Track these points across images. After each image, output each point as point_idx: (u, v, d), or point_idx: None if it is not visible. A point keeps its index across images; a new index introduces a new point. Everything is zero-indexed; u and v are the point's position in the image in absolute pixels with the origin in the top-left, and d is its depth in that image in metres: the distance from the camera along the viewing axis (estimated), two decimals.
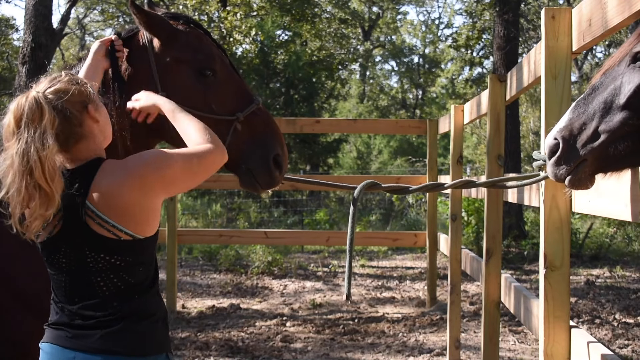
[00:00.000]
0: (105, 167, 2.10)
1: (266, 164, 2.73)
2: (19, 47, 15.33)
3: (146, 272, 2.15)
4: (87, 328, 2.08)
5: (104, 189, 2.05)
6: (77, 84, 2.13)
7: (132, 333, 2.08)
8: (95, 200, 2.04)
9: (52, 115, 2.03)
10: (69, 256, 2.09)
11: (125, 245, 2.07)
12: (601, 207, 2.23)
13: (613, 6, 2.14)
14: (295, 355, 6.01)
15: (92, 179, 2.07)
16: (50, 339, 2.13)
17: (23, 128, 2.03)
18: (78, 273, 2.09)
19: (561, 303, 2.50)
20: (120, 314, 2.08)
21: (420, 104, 37.23)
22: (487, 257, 4.32)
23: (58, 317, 2.13)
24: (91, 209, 2.04)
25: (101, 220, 2.04)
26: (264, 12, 21.21)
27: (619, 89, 1.92)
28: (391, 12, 37.90)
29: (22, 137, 2.02)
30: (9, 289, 2.51)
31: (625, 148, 1.90)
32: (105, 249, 2.06)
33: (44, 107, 2.03)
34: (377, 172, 26.25)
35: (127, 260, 2.09)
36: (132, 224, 2.07)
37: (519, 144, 13.29)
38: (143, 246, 2.12)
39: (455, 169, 6.14)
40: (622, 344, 6.30)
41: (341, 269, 10.52)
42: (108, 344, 2.05)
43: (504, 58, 12.84)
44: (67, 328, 2.10)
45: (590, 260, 11.03)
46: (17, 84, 11.91)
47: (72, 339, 2.08)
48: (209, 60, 2.75)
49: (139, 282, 2.12)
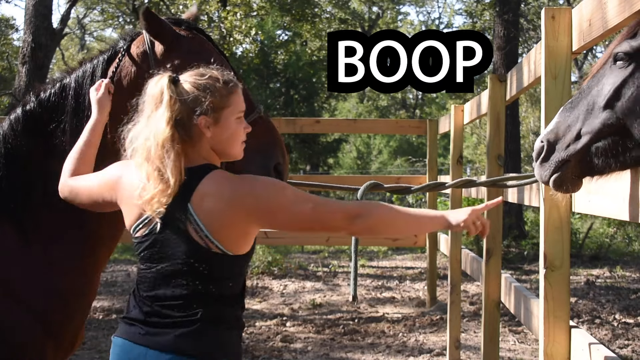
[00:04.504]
0: (214, 177, 2.09)
1: (267, 173, 2.71)
2: (19, 47, 15.33)
3: (233, 287, 2.14)
4: (162, 326, 2.07)
5: (208, 200, 2.05)
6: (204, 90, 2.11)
7: (206, 337, 2.07)
8: (196, 206, 2.05)
9: (172, 100, 2.07)
10: (162, 254, 2.09)
11: (215, 257, 2.07)
12: (601, 207, 2.23)
13: (613, 6, 2.14)
14: (295, 355, 6.01)
15: (198, 184, 2.07)
16: (123, 333, 2.13)
17: (148, 107, 2.10)
18: (166, 272, 2.09)
19: (561, 303, 2.50)
20: (197, 318, 2.07)
21: (420, 104, 37.22)
22: (487, 257, 4.32)
23: (134, 312, 2.13)
24: (191, 213, 2.05)
25: (197, 227, 2.04)
26: (264, 12, 21.20)
27: (601, 90, 1.95)
28: (391, 12, 37.92)
29: (145, 116, 2.10)
30: (7, 291, 2.51)
31: (606, 149, 1.93)
32: (196, 255, 2.06)
33: (165, 90, 2.08)
34: (377, 172, 26.27)
35: (215, 271, 2.08)
36: (225, 241, 2.06)
37: (519, 144, 13.30)
38: (233, 262, 2.11)
39: (455, 169, 6.14)
40: (622, 344, 6.30)
41: (341, 269, 10.52)
42: (180, 344, 2.05)
43: (504, 58, 12.84)
44: (141, 325, 2.10)
45: (590, 260, 11.03)
46: (17, 84, 11.91)
47: (145, 335, 2.08)
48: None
49: (223, 294, 2.11)
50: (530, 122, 21.22)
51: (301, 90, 20.71)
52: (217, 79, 2.15)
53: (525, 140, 19.91)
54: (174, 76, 2.12)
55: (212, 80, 2.13)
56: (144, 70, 2.69)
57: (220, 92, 2.13)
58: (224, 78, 2.17)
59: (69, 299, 2.60)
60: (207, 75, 2.14)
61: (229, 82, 2.17)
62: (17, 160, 2.66)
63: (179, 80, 2.12)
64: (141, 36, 2.77)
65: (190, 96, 2.09)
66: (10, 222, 2.58)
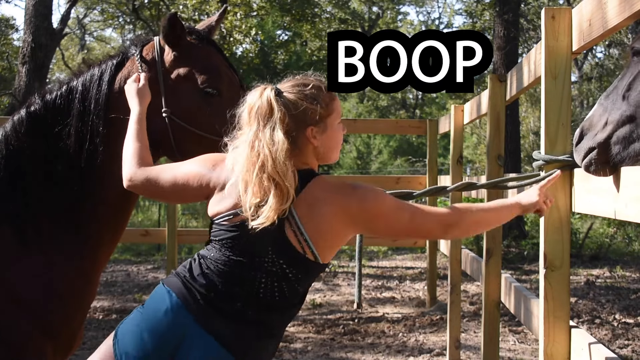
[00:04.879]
0: (319, 182, 2.11)
1: None
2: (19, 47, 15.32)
3: (301, 294, 2.16)
4: (216, 309, 2.06)
5: (314, 205, 2.06)
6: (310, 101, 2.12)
7: (248, 341, 2.08)
8: (300, 209, 2.06)
9: (282, 113, 2.07)
10: (252, 246, 2.08)
11: (305, 263, 2.08)
12: (601, 207, 2.23)
13: (613, 6, 2.14)
14: (295, 355, 6.00)
15: (303, 187, 2.08)
16: (175, 287, 2.10)
17: (254, 120, 2.09)
18: (249, 264, 2.08)
19: (561, 303, 2.50)
20: (253, 319, 2.08)
21: (420, 104, 37.23)
22: (487, 257, 4.32)
23: (199, 279, 2.09)
24: (293, 216, 2.05)
25: (298, 230, 2.05)
26: (264, 12, 21.20)
27: (622, 83, 2.07)
28: (391, 12, 37.92)
29: (252, 129, 2.09)
30: (6, 291, 2.51)
31: (622, 139, 2.03)
32: (287, 256, 2.07)
33: (274, 104, 2.07)
34: (377, 172, 26.27)
35: (299, 277, 2.09)
36: (322, 247, 2.08)
37: (519, 144, 13.29)
38: (317, 270, 2.13)
39: (455, 169, 6.13)
40: (622, 344, 6.30)
41: (341, 269, 10.52)
42: (225, 336, 2.05)
43: (504, 58, 12.84)
44: (199, 294, 2.07)
45: (590, 260, 11.02)
46: (17, 84, 11.91)
47: (195, 305, 2.06)
48: (215, 79, 2.71)
49: (290, 300, 2.12)
50: (530, 122, 21.19)
51: None
52: (320, 88, 2.17)
53: (525, 140, 19.89)
54: (277, 88, 2.13)
55: (316, 90, 2.15)
56: (152, 78, 2.69)
57: (325, 100, 2.15)
58: (324, 85, 2.19)
59: (68, 300, 2.59)
60: (310, 85, 2.15)
61: (326, 87, 2.20)
62: (18, 162, 2.64)
63: (282, 91, 2.12)
64: (151, 43, 2.76)
65: (300, 109, 2.10)
66: (10, 223, 2.57)
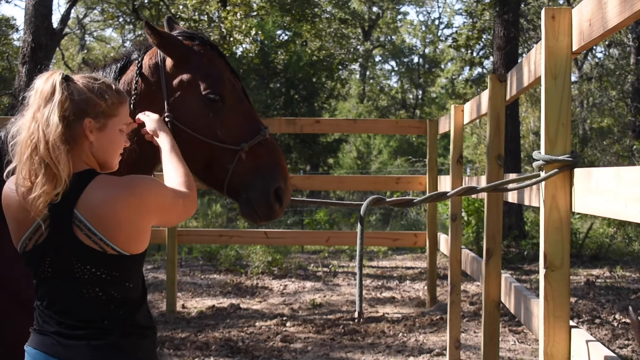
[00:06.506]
0: (99, 180, 2.07)
1: (266, 196, 2.69)
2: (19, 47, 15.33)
3: (133, 289, 2.13)
4: (73, 338, 2.05)
5: (97, 202, 2.02)
6: (96, 94, 2.10)
7: (117, 348, 2.06)
8: (84, 210, 2.02)
9: (63, 96, 2.04)
10: (55, 265, 2.06)
11: (111, 260, 2.04)
12: (601, 207, 2.23)
13: (613, 6, 2.14)
14: (295, 355, 6.01)
15: (83, 189, 2.04)
16: (36, 344, 2.10)
17: (35, 102, 2.07)
18: (64, 283, 2.07)
19: (561, 303, 2.50)
20: (105, 328, 2.06)
21: (420, 104, 37.24)
22: (487, 257, 4.32)
23: (45, 325, 2.10)
24: (79, 219, 2.01)
25: (89, 232, 2.01)
26: (264, 12, 21.20)
27: None
28: (391, 12, 37.92)
29: (32, 110, 2.06)
30: (6, 290, 2.51)
31: None
32: (91, 260, 2.03)
33: (57, 87, 2.05)
34: (377, 172, 26.27)
35: (113, 274, 2.06)
36: (120, 240, 2.03)
37: (519, 144, 13.29)
38: (129, 263, 2.08)
39: (455, 169, 6.14)
40: (622, 344, 6.30)
41: (341, 269, 10.52)
42: (94, 356, 2.03)
43: (504, 58, 12.84)
44: (54, 335, 2.07)
45: (590, 260, 11.02)
46: (17, 84, 11.91)
47: (58, 346, 2.05)
48: (218, 85, 2.71)
49: (125, 297, 2.10)
50: (530, 122, 21.20)
51: (301, 91, 20.73)
52: (110, 86, 2.16)
53: (525, 140, 19.90)
54: (67, 74, 2.11)
55: (105, 86, 2.14)
56: (154, 82, 2.69)
57: (112, 99, 2.14)
58: (115, 87, 2.18)
59: None
60: (100, 80, 2.14)
61: (120, 92, 2.19)
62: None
63: (72, 79, 2.10)
64: (154, 47, 2.76)
65: (82, 97, 2.07)
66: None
